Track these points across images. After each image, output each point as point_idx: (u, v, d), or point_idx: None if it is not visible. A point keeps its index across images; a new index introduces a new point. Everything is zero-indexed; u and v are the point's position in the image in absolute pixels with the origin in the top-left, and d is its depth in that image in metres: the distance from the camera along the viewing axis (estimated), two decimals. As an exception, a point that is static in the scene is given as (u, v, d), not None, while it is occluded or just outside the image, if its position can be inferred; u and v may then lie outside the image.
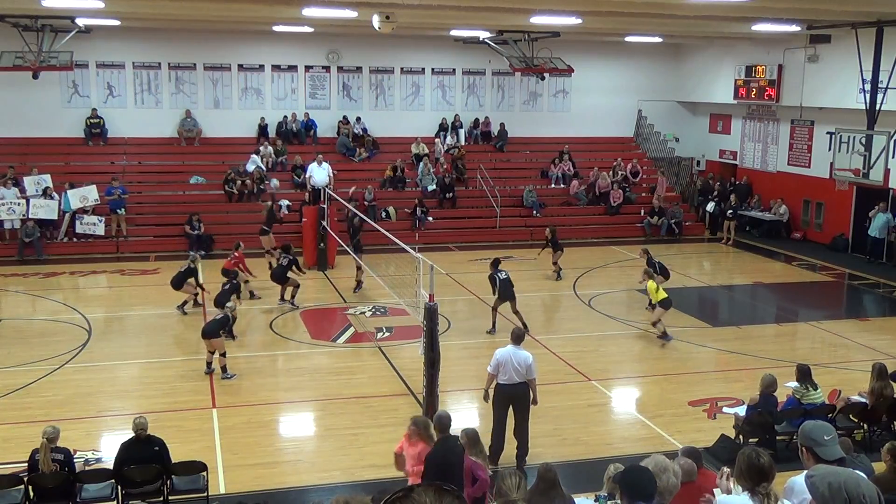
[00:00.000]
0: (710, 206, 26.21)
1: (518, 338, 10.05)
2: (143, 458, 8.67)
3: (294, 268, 17.38)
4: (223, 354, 13.10)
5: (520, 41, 22.01)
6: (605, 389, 12.94)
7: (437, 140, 26.86)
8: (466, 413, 12.00)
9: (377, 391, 12.61)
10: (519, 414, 9.97)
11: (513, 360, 9.82)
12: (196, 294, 16.56)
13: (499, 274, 15.37)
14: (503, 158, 27.47)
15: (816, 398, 10.62)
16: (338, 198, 21.23)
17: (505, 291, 15.24)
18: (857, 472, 4.37)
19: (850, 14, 18.80)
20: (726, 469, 5.39)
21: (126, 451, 8.72)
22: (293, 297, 17.16)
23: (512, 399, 9.93)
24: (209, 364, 13.15)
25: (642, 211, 25.97)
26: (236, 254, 17.36)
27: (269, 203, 21.22)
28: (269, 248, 19.45)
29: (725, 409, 11.67)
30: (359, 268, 18.29)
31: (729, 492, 5.27)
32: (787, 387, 11.06)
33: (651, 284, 15.03)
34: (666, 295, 14.99)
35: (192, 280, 16.36)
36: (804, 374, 10.72)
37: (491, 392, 10.08)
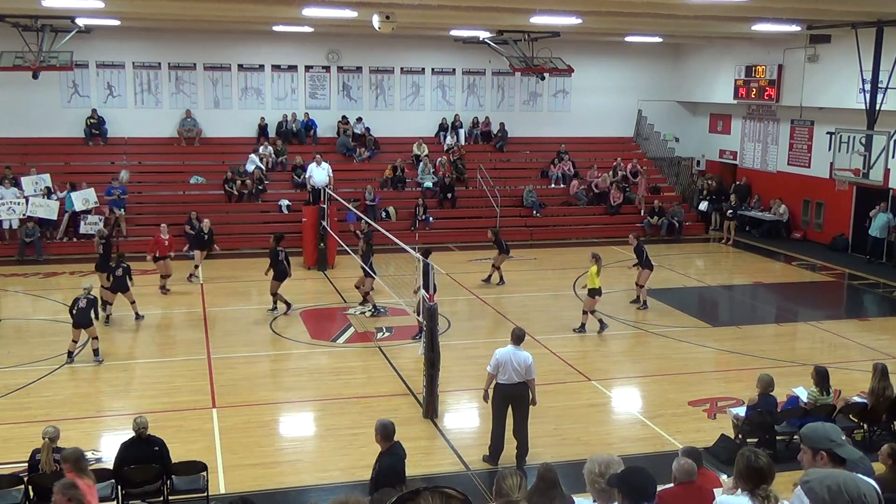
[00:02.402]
0: (704, 206, 26.41)
1: (518, 338, 10.05)
2: (143, 458, 8.66)
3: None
4: (95, 338, 13.54)
5: (520, 41, 22.02)
6: (605, 389, 12.94)
7: (444, 142, 26.89)
8: (466, 413, 12.02)
9: (377, 391, 12.61)
10: (518, 414, 9.98)
11: (512, 361, 9.83)
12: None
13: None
14: (503, 158, 27.47)
15: (827, 402, 10.60)
16: (337, 198, 21.23)
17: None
18: (854, 472, 4.36)
19: (850, 14, 18.80)
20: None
21: (126, 450, 8.71)
22: (286, 303, 16.56)
23: (511, 399, 9.93)
24: (71, 354, 13.50)
25: (642, 211, 26.00)
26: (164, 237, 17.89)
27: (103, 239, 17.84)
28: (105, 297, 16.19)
29: (729, 410, 11.62)
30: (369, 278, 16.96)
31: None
32: (799, 394, 10.92)
33: (593, 269, 15.23)
34: (599, 285, 15.29)
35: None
36: (823, 378, 10.61)
37: (491, 392, 10.09)
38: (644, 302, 17.34)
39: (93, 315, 13.74)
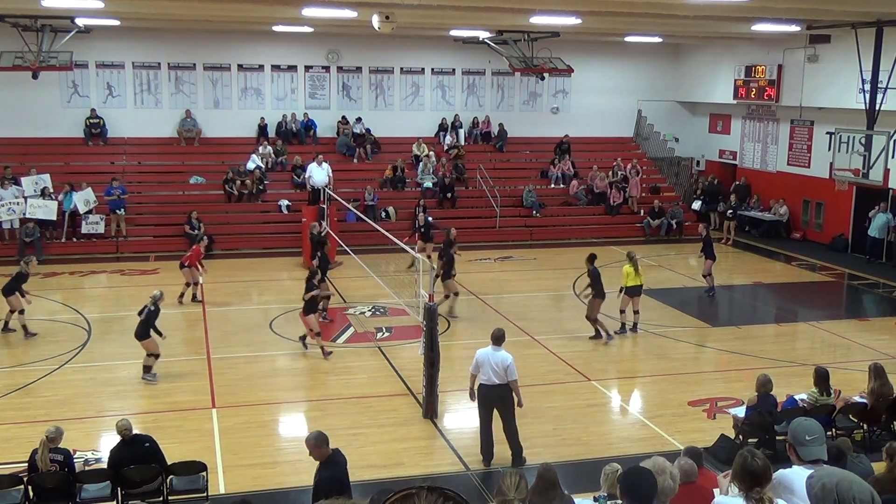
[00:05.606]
0: (696, 205, 26.46)
1: (497, 339, 9.96)
2: (135, 458, 8.65)
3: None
4: (154, 356, 12.81)
5: (520, 41, 22.01)
6: (605, 389, 12.94)
7: (444, 141, 26.90)
8: (466, 413, 12.01)
9: (377, 391, 12.61)
10: (503, 415, 9.94)
11: (490, 361, 9.77)
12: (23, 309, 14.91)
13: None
14: (503, 158, 27.47)
15: (827, 402, 10.59)
16: (337, 198, 21.23)
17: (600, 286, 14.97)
18: (855, 474, 4.37)
19: (850, 14, 18.80)
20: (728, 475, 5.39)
21: (118, 453, 8.71)
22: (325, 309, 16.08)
23: (492, 400, 9.89)
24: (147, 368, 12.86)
25: (642, 211, 26.00)
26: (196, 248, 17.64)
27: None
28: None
29: (730, 411, 11.61)
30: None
31: (727, 492, 5.28)
32: (800, 397, 10.91)
33: (626, 268, 15.22)
34: (631, 284, 15.17)
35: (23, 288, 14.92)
36: (822, 379, 10.60)
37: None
38: (711, 289, 17.89)
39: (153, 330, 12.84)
